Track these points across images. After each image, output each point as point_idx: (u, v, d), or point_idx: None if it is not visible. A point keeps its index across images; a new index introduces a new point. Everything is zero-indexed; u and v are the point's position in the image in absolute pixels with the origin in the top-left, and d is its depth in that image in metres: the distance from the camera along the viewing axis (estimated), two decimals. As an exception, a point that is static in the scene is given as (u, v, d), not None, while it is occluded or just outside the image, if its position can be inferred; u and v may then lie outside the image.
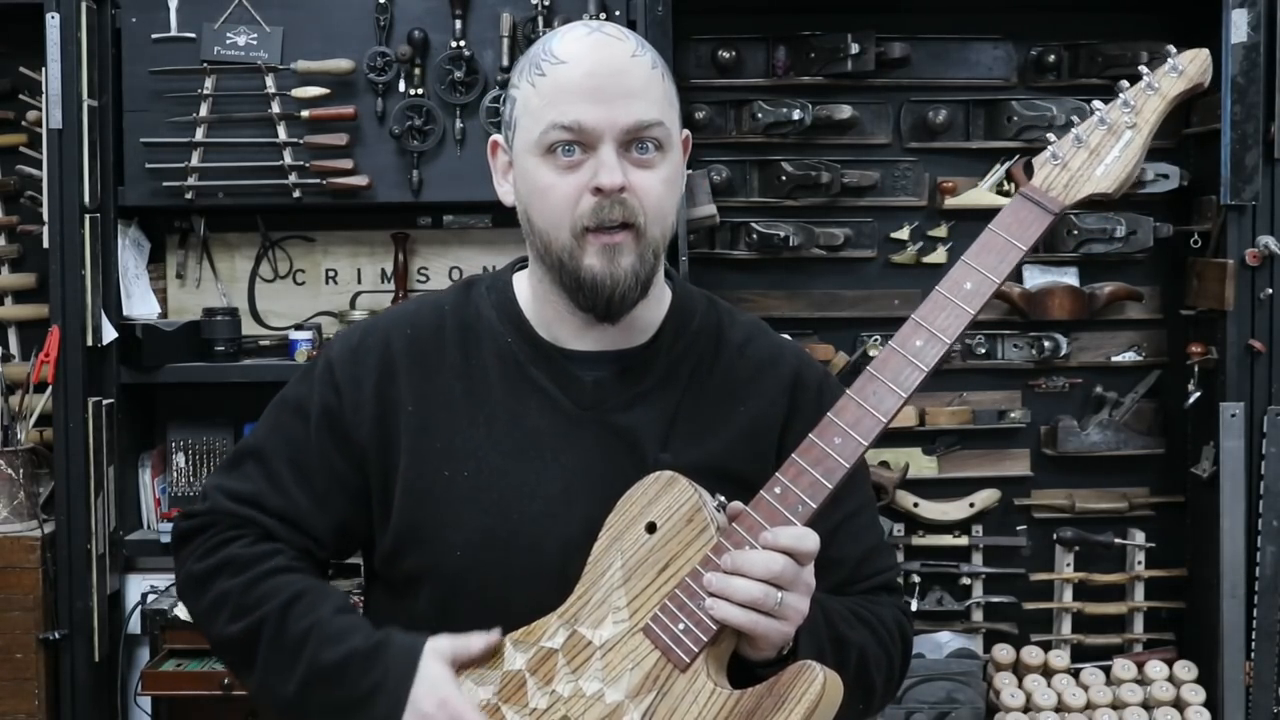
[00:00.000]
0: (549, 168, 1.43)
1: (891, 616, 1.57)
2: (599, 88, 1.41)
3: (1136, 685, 3.16)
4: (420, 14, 3.11)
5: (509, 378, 1.52)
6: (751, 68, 3.29)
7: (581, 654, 1.41)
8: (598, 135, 1.41)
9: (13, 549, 2.99)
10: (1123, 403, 3.31)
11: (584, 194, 1.42)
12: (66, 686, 3.04)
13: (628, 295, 1.45)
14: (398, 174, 3.13)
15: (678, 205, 1.50)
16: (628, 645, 1.39)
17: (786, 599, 1.34)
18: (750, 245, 3.25)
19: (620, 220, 1.42)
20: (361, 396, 1.53)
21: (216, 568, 1.53)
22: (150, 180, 3.11)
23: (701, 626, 1.36)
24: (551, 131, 1.42)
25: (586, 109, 1.40)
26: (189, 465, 3.32)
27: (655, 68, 1.46)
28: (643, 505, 1.42)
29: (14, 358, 3.30)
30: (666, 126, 1.44)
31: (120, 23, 3.10)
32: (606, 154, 1.41)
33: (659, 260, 1.48)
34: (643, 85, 1.43)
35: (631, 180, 1.42)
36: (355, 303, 3.39)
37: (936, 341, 1.37)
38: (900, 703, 3.09)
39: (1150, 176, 3.24)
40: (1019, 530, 3.33)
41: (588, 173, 1.42)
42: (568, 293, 1.48)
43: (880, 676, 1.53)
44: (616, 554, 1.42)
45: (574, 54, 1.43)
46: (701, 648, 1.36)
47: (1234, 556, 3.05)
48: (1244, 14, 2.96)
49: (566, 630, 1.42)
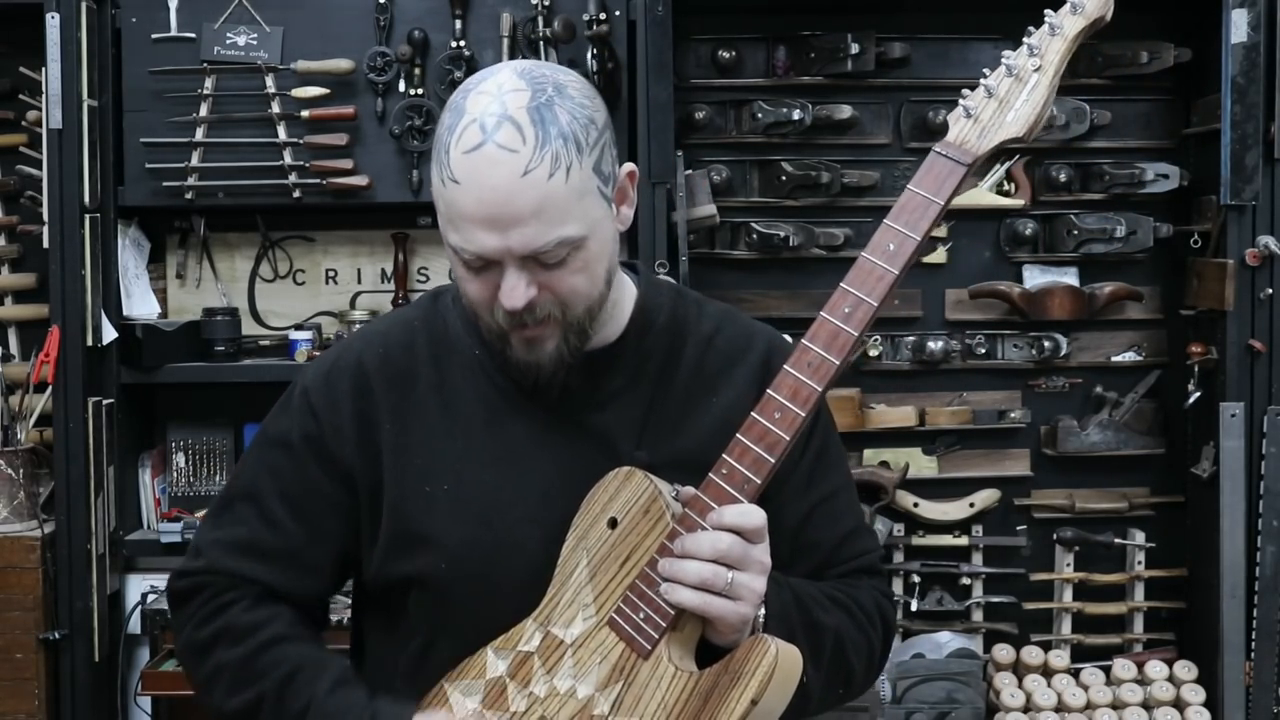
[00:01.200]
0: (462, 266, 1.44)
1: (870, 599, 1.56)
2: (491, 217, 1.37)
3: (1136, 685, 3.16)
4: (420, 14, 3.11)
5: (480, 388, 1.52)
6: (751, 68, 3.29)
7: (555, 654, 1.43)
8: (498, 259, 1.39)
9: (13, 549, 2.99)
10: (1123, 403, 3.31)
11: (497, 302, 1.42)
12: (66, 686, 3.04)
13: (555, 376, 1.47)
14: (398, 174, 3.13)
15: (611, 260, 1.47)
16: (595, 639, 1.42)
17: (738, 578, 1.35)
18: (750, 245, 3.25)
19: (535, 323, 1.43)
20: (340, 419, 1.53)
21: (214, 637, 1.53)
22: (150, 180, 3.11)
23: (660, 613, 1.38)
24: (459, 251, 1.42)
25: (483, 238, 1.38)
26: (189, 465, 3.32)
27: (555, 173, 1.36)
28: (604, 502, 1.45)
29: (14, 358, 3.30)
30: (570, 235, 1.38)
31: (120, 23, 3.11)
32: (510, 277, 1.39)
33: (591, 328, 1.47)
34: (535, 207, 1.36)
35: (542, 281, 1.40)
36: (355, 303, 3.38)
37: (863, 304, 1.38)
38: (900, 703, 3.09)
39: (1150, 176, 3.24)
40: (1019, 530, 3.33)
41: (497, 278, 1.41)
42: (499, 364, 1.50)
43: (859, 660, 1.53)
44: (583, 552, 1.45)
45: (466, 175, 1.37)
46: (661, 634, 1.38)
47: (1234, 556, 3.05)
48: (1244, 14, 2.96)
49: (541, 632, 1.45)
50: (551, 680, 1.43)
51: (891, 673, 3.13)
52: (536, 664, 1.44)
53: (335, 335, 3.30)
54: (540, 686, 1.43)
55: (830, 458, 1.58)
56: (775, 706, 1.36)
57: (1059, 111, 3.22)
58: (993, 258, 3.34)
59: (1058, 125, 3.23)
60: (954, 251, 3.33)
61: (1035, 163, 3.31)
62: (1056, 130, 3.24)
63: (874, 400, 3.31)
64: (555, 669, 1.43)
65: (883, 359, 3.31)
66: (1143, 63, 3.22)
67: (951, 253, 3.32)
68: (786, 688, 1.36)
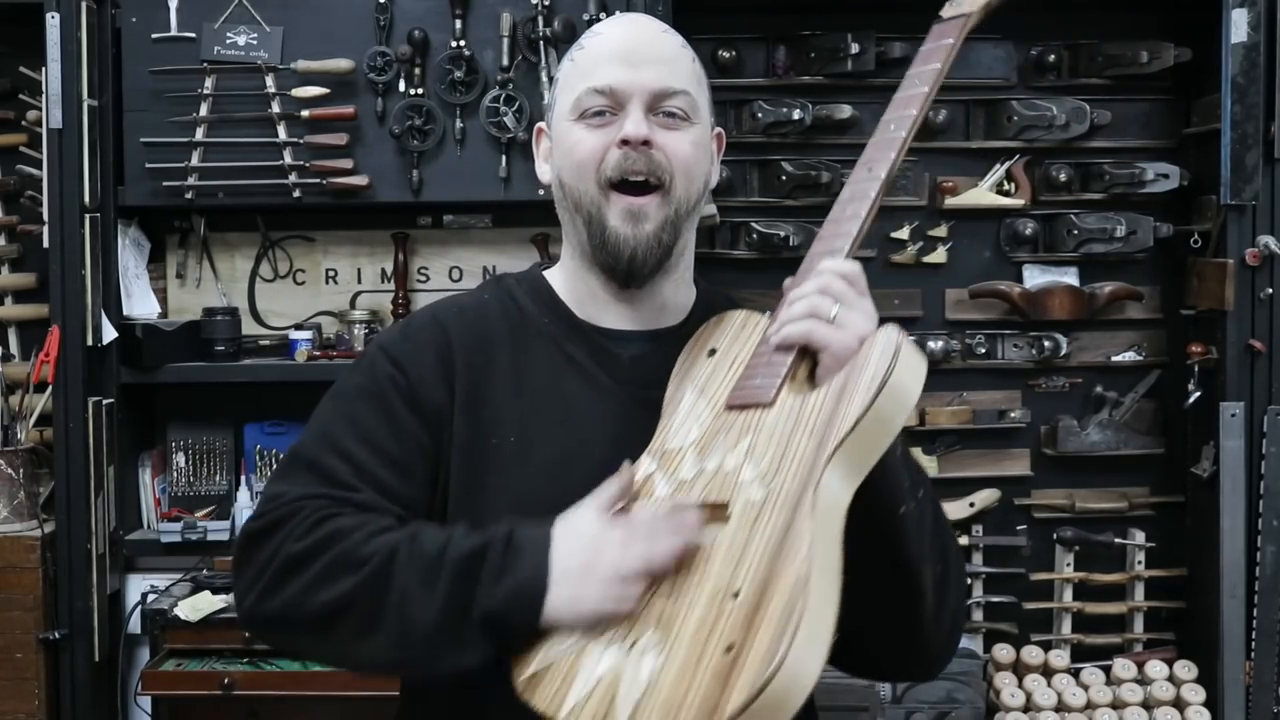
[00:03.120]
0: (581, 128, 1.52)
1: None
2: (630, 52, 1.50)
3: (1136, 685, 3.16)
4: (420, 14, 3.11)
5: (549, 355, 1.55)
6: (751, 68, 3.29)
7: (674, 460, 1.43)
8: (627, 95, 1.49)
9: (13, 549, 2.99)
10: (1123, 403, 3.31)
11: (611, 148, 1.49)
12: (66, 686, 3.04)
13: (648, 258, 1.51)
14: (398, 174, 3.13)
15: (706, 175, 1.56)
16: (714, 427, 1.42)
17: (843, 313, 1.38)
18: (750, 245, 3.25)
19: (644, 172, 1.49)
20: (424, 366, 1.53)
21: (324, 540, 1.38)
22: (150, 180, 3.11)
23: (775, 369, 1.40)
24: (585, 96, 1.51)
25: (617, 72, 1.49)
26: (189, 465, 3.33)
27: (686, 49, 1.55)
28: (700, 345, 1.51)
29: (14, 358, 3.30)
30: (693, 97, 1.52)
31: (120, 23, 3.11)
32: (633, 110, 1.49)
33: (683, 226, 1.54)
34: (671, 56, 1.52)
35: (657, 138, 1.49)
36: (355, 302, 3.39)
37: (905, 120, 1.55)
38: (900, 702, 3.09)
39: (1150, 176, 3.24)
40: (1019, 530, 3.33)
41: (616, 129, 1.50)
42: (595, 252, 1.53)
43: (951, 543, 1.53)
44: (687, 385, 1.48)
45: (609, 29, 1.55)
46: (780, 382, 1.39)
47: (1234, 556, 3.05)
48: (1244, 14, 2.96)
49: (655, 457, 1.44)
50: (676, 476, 1.41)
51: (891, 673, 3.13)
52: (657, 478, 1.42)
53: (335, 335, 3.30)
54: (663, 487, 1.41)
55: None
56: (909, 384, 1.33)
57: (1059, 111, 3.22)
58: (993, 257, 3.34)
59: (1058, 125, 3.23)
60: (954, 251, 3.33)
61: (1035, 163, 3.31)
62: (1057, 130, 3.24)
63: (874, 400, 3.31)
64: (676, 469, 1.41)
65: (883, 359, 3.31)
66: (1143, 63, 3.21)
67: (951, 253, 3.32)
68: (916, 374, 1.34)
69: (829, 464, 1.28)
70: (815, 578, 1.21)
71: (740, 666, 1.19)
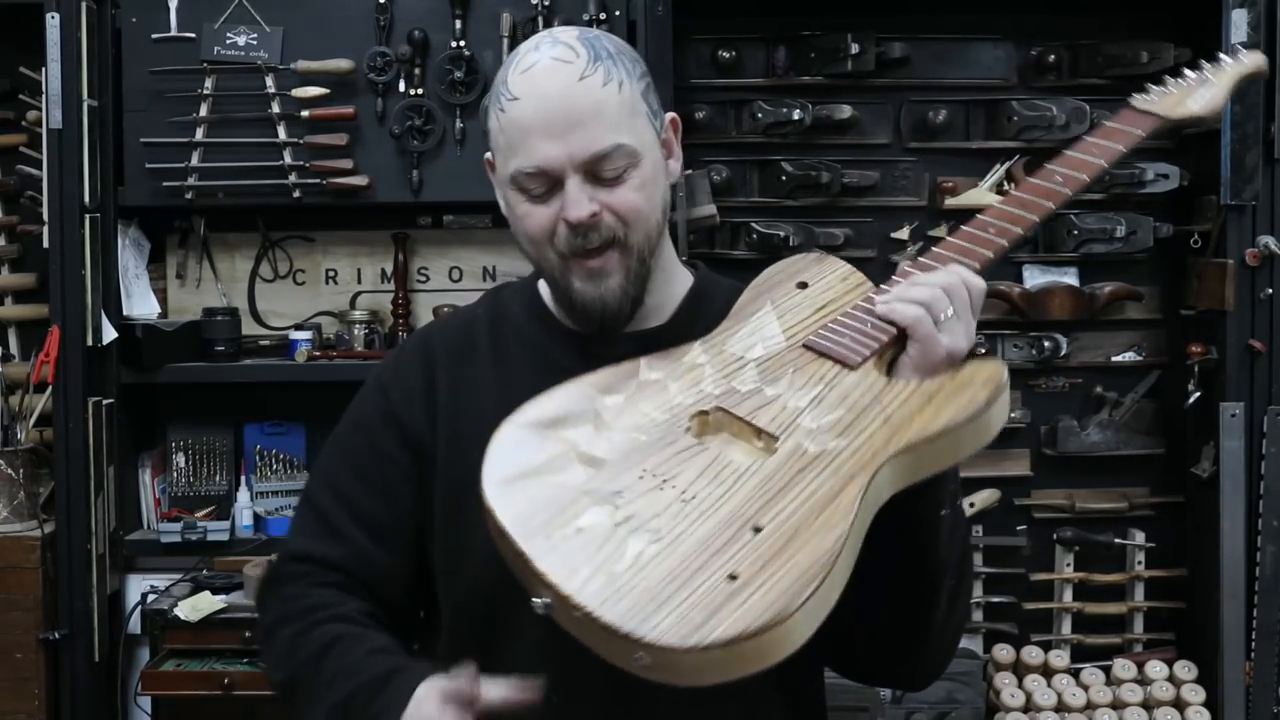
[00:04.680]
0: (523, 199, 1.47)
1: None
2: (550, 123, 1.42)
3: (1136, 685, 3.16)
4: (420, 14, 3.11)
5: (537, 364, 1.55)
6: (751, 68, 3.29)
7: (731, 365, 1.38)
8: (560, 171, 1.43)
9: (13, 549, 2.99)
10: (1123, 403, 3.31)
11: (559, 223, 1.45)
12: (66, 686, 3.04)
13: (620, 314, 1.48)
14: (398, 174, 3.13)
15: (664, 195, 1.51)
16: (786, 356, 1.37)
17: (952, 321, 1.34)
18: (750, 245, 3.25)
19: (598, 244, 1.45)
20: (410, 389, 1.56)
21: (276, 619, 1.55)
22: (150, 180, 3.11)
23: (869, 336, 1.36)
24: (518, 176, 1.45)
25: (543, 148, 1.42)
26: (189, 465, 3.33)
27: (608, 83, 1.44)
28: (790, 273, 1.48)
29: (14, 358, 3.30)
30: (627, 144, 1.44)
31: (120, 23, 3.11)
32: (571, 188, 1.43)
33: (651, 261, 1.50)
34: (592, 111, 1.42)
35: (603, 200, 1.44)
36: (355, 303, 3.39)
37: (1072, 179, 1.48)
38: (900, 703, 3.09)
39: (1150, 176, 3.24)
40: (1019, 530, 3.33)
41: (558, 204, 1.44)
42: (566, 311, 1.52)
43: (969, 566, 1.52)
44: (766, 302, 1.44)
45: (525, 89, 1.44)
46: (872, 351, 1.35)
47: (1234, 556, 3.05)
48: (1244, 14, 2.96)
49: (709, 351, 1.41)
50: (729, 382, 1.35)
51: (891, 673, 3.13)
52: (707, 371, 1.37)
53: (335, 335, 3.30)
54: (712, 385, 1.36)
55: None
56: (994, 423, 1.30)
57: (1059, 111, 3.22)
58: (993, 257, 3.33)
59: (1058, 125, 3.23)
60: (954, 251, 3.32)
61: (1035, 163, 3.30)
62: (1057, 130, 3.24)
63: (874, 400, 3.31)
64: (732, 375, 1.36)
65: (883, 359, 3.31)
66: (1143, 63, 3.21)
67: (951, 253, 3.32)
68: (1002, 419, 1.31)
69: (893, 459, 1.26)
70: (842, 560, 1.19)
71: (740, 600, 1.15)
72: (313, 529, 1.57)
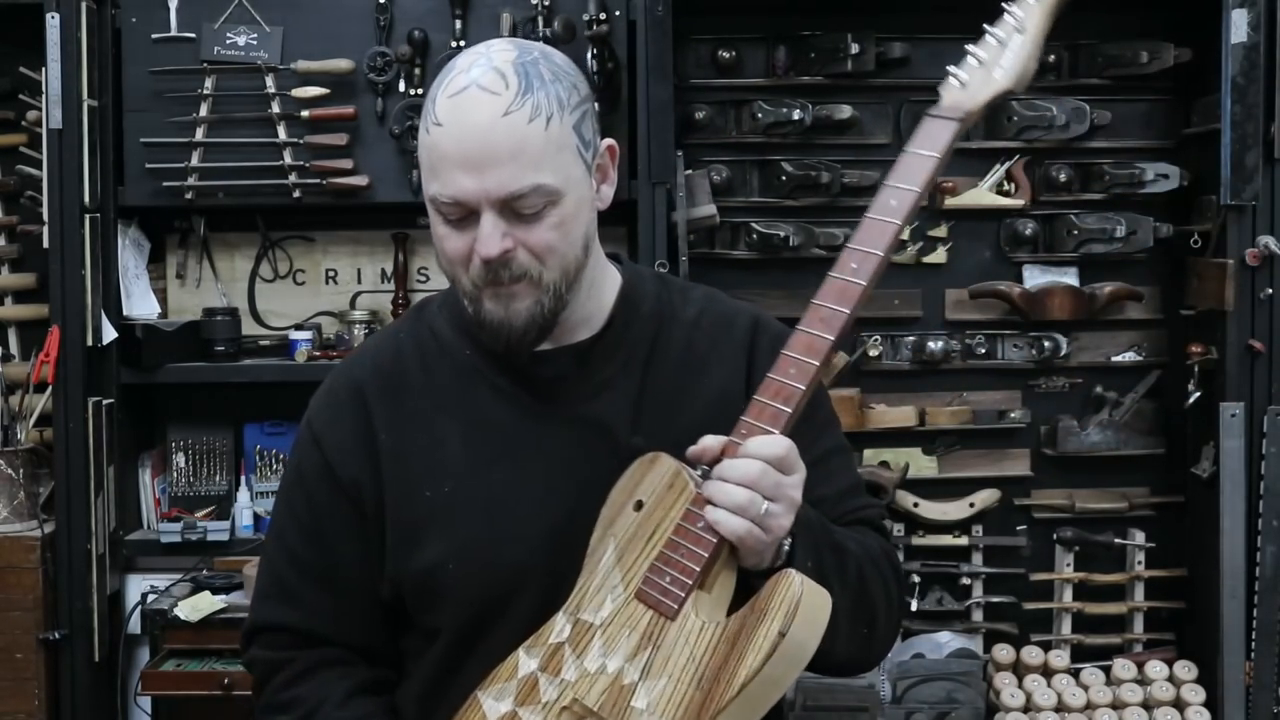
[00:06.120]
0: (441, 221, 1.46)
1: (877, 544, 1.56)
2: (468, 157, 1.39)
3: (1136, 685, 3.16)
4: (420, 14, 3.11)
5: (472, 388, 1.53)
6: (751, 68, 3.28)
7: (585, 638, 1.43)
8: (475, 204, 1.41)
9: (13, 549, 2.99)
10: (1123, 403, 3.31)
11: (474, 254, 1.43)
12: (66, 686, 3.04)
13: (526, 337, 1.47)
14: (398, 174, 3.13)
15: (588, 229, 1.48)
16: (624, 615, 1.41)
17: (771, 509, 1.35)
18: (750, 245, 3.25)
19: (510, 279, 1.44)
20: (342, 436, 1.55)
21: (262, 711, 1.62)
22: (150, 180, 3.11)
23: (685, 572, 1.37)
24: (437, 200, 1.43)
25: (461, 180, 1.40)
26: (189, 465, 3.33)
27: (535, 119, 1.40)
28: (630, 489, 1.46)
29: (14, 358, 3.30)
30: (546, 184, 1.41)
31: (120, 23, 3.11)
32: (486, 223, 1.41)
33: (566, 294, 1.48)
34: (513, 150, 1.39)
35: (518, 236, 1.42)
36: (355, 303, 3.39)
37: (870, 256, 1.43)
38: (900, 703, 3.09)
39: (1150, 176, 3.24)
40: (1019, 530, 3.33)
41: (474, 234, 1.42)
42: (475, 327, 1.50)
43: (880, 598, 1.51)
44: (610, 539, 1.45)
45: (449, 116, 1.41)
46: (687, 591, 1.37)
47: (1234, 556, 3.05)
48: (1244, 14, 2.96)
49: (571, 621, 1.44)
50: (582, 663, 1.42)
51: (892, 673, 3.13)
52: (567, 652, 1.43)
53: (335, 335, 3.30)
54: (571, 671, 1.42)
55: (819, 421, 1.57)
56: (806, 641, 1.34)
57: (1059, 111, 3.22)
58: (993, 258, 3.34)
59: (1058, 125, 3.23)
60: (954, 251, 3.33)
61: (1035, 163, 3.31)
62: (1056, 130, 3.24)
63: (874, 400, 3.31)
64: (585, 651, 1.42)
65: (883, 359, 3.31)
66: (1143, 63, 3.21)
67: (951, 253, 3.32)
68: (816, 622, 1.34)
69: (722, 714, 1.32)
70: None
71: None
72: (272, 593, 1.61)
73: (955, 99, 1.46)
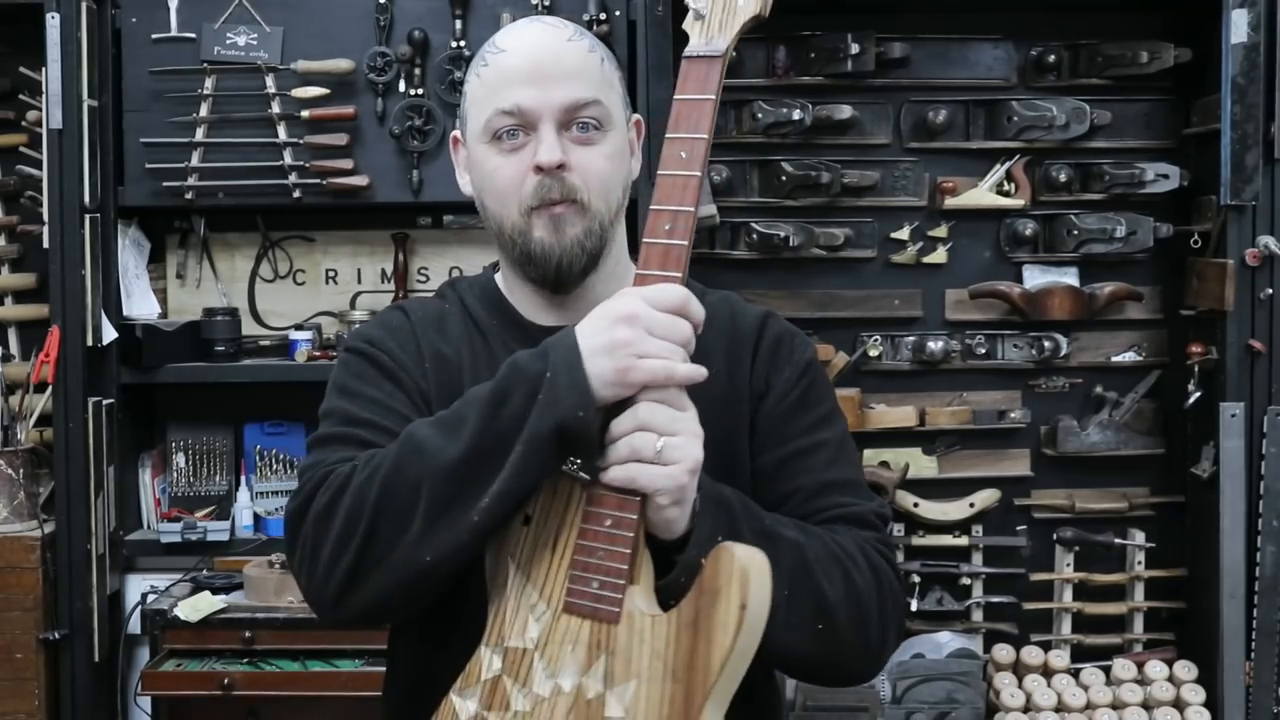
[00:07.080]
0: (495, 152, 1.50)
1: (851, 542, 1.47)
2: (535, 70, 1.47)
3: (1136, 685, 3.16)
4: (420, 14, 3.11)
5: (484, 353, 1.56)
6: (751, 68, 3.29)
7: (521, 664, 1.37)
8: (536, 116, 1.47)
9: (13, 549, 2.99)
10: (1123, 403, 3.31)
11: (528, 174, 1.48)
12: (66, 686, 3.04)
13: (575, 263, 1.50)
14: (398, 174, 3.13)
15: (626, 182, 1.55)
16: (558, 631, 1.36)
17: (669, 442, 1.31)
18: (750, 245, 3.25)
19: (560, 198, 1.48)
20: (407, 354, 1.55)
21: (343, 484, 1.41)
22: (150, 180, 3.11)
23: (613, 573, 1.33)
24: (495, 118, 1.49)
25: (524, 92, 1.47)
26: (189, 465, 3.32)
27: (593, 51, 1.52)
28: None
29: (14, 358, 3.30)
30: (604, 105, 1.50)
31: (120, 23, 3.11)
32: (545, 133, 1.47)
33: (608, 234, 1.52)
34: (578, 67, 1.49)
35: (572, 158, 1.47)
36: (355, 303, 3.39)
37: (682, 214, 1.44)
38: (900, 703, 3.09)
39: (1150, 177, 3.24)
40: (1019, 530, 3.33)
41: (530, 153, 1.48)
42: (521, 268, 1.54)
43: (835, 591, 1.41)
44: (508, 560, 1.40)
45: (513, 43, 1.51)
46: (622, 592, 1.33)
47: (1234, 556, 3.05)
48: (1244, 14, 2.96)
49: (499, 653, 1.39)
50: (530, 689, 1.36)
51: (892, 673, 3.13)
52: (508, 684, 1.37)
53: (335, 335, 3.30)
54: (521, 701, 1.36)
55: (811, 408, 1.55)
56: (762, 608, 1.29)
57: (1059, 111, 3.22)
58: (993, 258, 3.34)
59: (1058, 125, 3.23)
60: (954, 252, 3.33)
61: (1035, 163, 3.31)
62: (1056, 130, 3.24)
63: (874, 400, 3.31)
64: (528, 678, 1.36)
65: (883, 359, 3.32)
66: (1143, 63, 3.21)
67: (951, 253, 3.32)
68: (765, 586, 1.30)
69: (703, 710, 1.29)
70: None
71: None
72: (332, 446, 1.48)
73: (707, 35, 1.46)
